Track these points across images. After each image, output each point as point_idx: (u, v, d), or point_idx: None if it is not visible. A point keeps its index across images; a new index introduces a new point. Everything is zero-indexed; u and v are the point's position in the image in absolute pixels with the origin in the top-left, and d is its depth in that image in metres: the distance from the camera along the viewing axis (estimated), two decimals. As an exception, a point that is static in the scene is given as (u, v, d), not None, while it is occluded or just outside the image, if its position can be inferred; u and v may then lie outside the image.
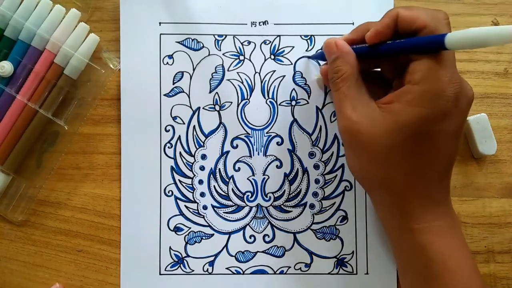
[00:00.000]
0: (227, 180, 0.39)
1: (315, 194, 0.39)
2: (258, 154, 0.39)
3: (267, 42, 0.40)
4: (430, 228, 0.30)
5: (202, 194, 0.39)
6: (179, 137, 0.39)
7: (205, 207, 0.39)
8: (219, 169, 0.39)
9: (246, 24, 0.40)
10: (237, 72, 0.39)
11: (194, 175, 0.39)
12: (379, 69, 0.35)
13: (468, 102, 0.30)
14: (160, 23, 0.39)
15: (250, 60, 0.40)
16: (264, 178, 0.39)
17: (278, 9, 0.40)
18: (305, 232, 0.39)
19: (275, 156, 0.39)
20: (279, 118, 0.39)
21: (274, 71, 0.39)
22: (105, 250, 0.39)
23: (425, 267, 0.30)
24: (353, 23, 0.39)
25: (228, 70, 0.39)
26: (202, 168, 0.39)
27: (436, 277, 0.30)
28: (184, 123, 0.39)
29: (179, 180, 0.39)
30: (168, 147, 0.39)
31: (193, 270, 0.39)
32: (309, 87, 0.39)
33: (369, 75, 0.34)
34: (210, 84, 0.39)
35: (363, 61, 0.32)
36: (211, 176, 0.39)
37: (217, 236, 0.39)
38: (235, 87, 0.39)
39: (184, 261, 0.39)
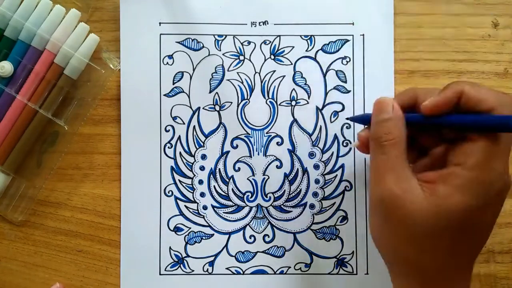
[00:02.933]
0: (227, 180, 0.39)
1: (315, 194, 0.39)
2: (258, 154, 0.39)
3: (267, 42, 0.40)
4: None
5: (202, 194, 0.39)
6: (179, 137, 0.39)
7: (205, 207, 0.39)
8: (219, 169, 0.39)
9: (246, 24, 0.40)
10: (237, 72, 0.39)
11: (194, 175, 0.39)
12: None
13: (507, 191, 0.28)
14: (160, 23, 0.39)
15: (250, 60, 0.40)
16: (264, 178, 0.39)
17: (278, 9, 0.40)
18: (305, 232, 0.39)
19: (275, 156, 0.39)
20: (279, 118, 0.39)
21: (274, 71, 0.39)
22: (105, 250, 0.39)
23: None
24: (353, 23, 0.39)
25: (228, 70, 0.39)
26: (202, 168, 0.39)
27: None
28: (184, 123, 0.39)
29: (179, 180, 0.39)
30: (168, 147, 0.39)
31: (193, 270, 0.39)
32: (309, 87, 0.39)
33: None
34: (210, 84, 0.39)
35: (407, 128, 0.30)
36: (211, 176, 0.39)
37: (217, 236, 0.39)
38: (235, 87, 0.39)
39: (184, 261, 0.39)
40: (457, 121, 0.28)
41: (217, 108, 0.39)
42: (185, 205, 0.39)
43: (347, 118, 0.39)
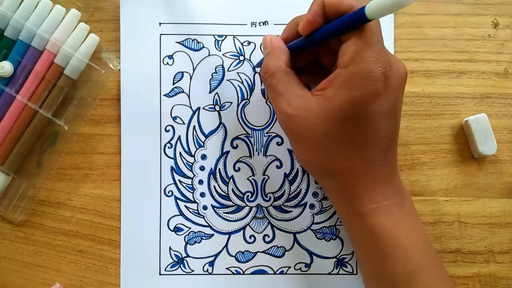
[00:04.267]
0: (227, 180, 0.39)
1: (315, 194, 0.39)
2: (258, 154, 0.39)
3: (267, 42, 0.39)
4: (379, 209, 0.30)
5: (202, 194, 0.39)
6: (179, 137, 0.39)
7: (205, 207, 0.39)
8: (219, 169, 0.39)
9: (246, 24, 0.40)
10: (237, 73, 0.39)
11: (194, 175, 0.39)
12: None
13: (401, 79, 0.30)
14: (160, 23, 0.39)
15: (250, 60, 0.40)
16: (264, 178, 0.39)
17: (278, 9, 0.40)
18: (305, 232, 0.39)
19: (275, 156, 0.39)
20: (279, 118, 0.39)
21: (274, 71, 0.39)
22: (105, 250, 0.39)
23: (377, 248, 0.30)
24: (353, 23, 0.39)
25: (228, 71, 0.39)
26: (202, 168, 0.39)
27: (388, 257, 0.30)
28: (184, 123, 0.39)
29: (179, 180, 0.39)
30: (168, 147, 0.39)
31: (193, 270, 0.39)
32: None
33: (313, 68, 0.35)
34: (210, 84, 0.39)
35: (302, 55, 0.33)
36: (211, 176, 0.39)
37: (217, 236, 0.39)
38: (235, 87, 0.39)
39: (184, 261, 0.39)
40: (325, 30, 0.30)
41: (217, 108, 0.39)
42: (185, 205, 0.39)
43: (254, 67, 0.39)
